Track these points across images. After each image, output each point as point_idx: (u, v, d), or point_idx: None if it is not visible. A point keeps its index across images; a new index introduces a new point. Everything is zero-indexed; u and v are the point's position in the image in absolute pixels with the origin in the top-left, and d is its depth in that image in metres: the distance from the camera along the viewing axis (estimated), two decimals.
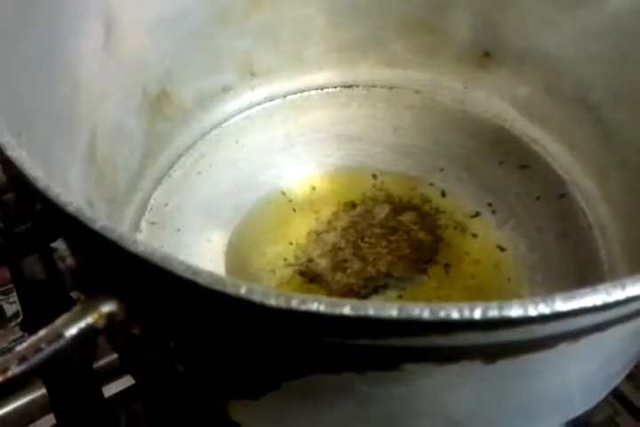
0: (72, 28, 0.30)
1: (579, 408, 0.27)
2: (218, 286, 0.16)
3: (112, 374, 0.41)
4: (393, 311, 0.16)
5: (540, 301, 0.16)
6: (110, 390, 0.41)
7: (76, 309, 0.18)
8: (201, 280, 0.16)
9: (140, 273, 0.17)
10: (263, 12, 0.43)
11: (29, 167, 0.19)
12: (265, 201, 0.41)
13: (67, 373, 0.37)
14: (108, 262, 0.18)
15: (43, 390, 0.40)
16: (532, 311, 0.16)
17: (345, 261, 0.39)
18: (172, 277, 0.16)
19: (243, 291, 0.16)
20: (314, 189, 0.43)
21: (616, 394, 0.41)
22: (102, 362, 0.42)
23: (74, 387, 0.37)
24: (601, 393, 0.28)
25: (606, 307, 0.16)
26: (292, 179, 0.43)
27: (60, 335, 0.17)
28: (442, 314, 0.16)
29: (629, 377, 0.42)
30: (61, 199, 0.18)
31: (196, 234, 0.39)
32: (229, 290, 0.16)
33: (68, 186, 0.29)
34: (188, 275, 0.16)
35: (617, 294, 0.16)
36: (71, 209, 0.18)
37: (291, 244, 0.40)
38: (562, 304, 0.16)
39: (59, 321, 0.17)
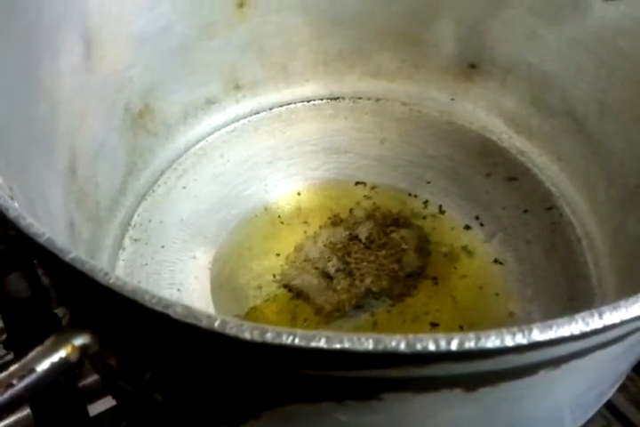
0: (49, 44, 0.30)
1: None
2: (191, 320, 0.16)
3: (98, 392, 0.41)
4: (369, 344, 0.15)
5: (517, 331, 0.15)
6: (97, 408, 0.40)
7: (49, 342, 0.17)
8: (173, 313, 0.16)
9: (112, 305, 0.17)
10: (248, 24, 0.43)
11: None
12: (251, 216, 0.41)
13: (51, 392, 0.36)
14: (81, 294, 0.18)
15: (27, 411, 0.40)
16: (509, 342, 0.15)
17: (332, 276, 0.39)
18: (143, 310, 0.16)
19: (216, 324, 0.16)
20: (300, 203, 0.42)
21: (609, 406, 0.41)
22: (88, 380, 0.41)
23: (59, 406, 0.36)
24: (591, 410, 0.28)
25: (584, 336, 0.16)
26: (279, 193, 0.43)
27: (32, 370, 0.17)
28: (418, 346, 0.15)
29: (622, 389, 0.42)
30: (32, 230, 0.17)
31: (181, 251, 0.39)
32: (203, 324, 0.16)
33: (48, 206, 0.29)
34: (159, 308, 0.16)
35: (594, 323, 0.16)
36: (42, 240, 0.17)
37: (277, 259, 0.40)
38: (539, 334, 0.15)
39: (31, 355, 0.17)
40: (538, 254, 0.39)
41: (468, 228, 0.40)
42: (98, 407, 0.40)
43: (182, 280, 0.37)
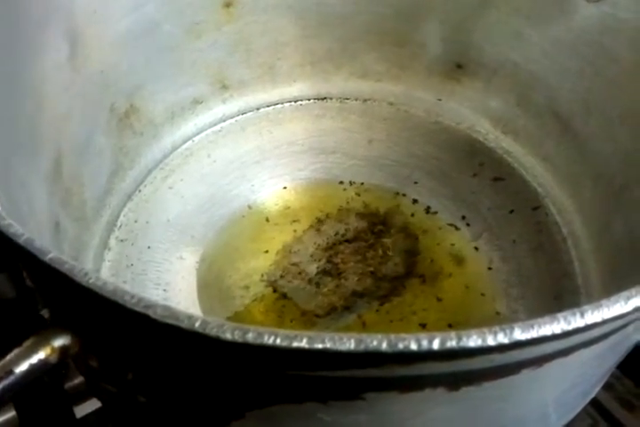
0: (34, 43, 0.30)
1: (555, 424, 0.27)
2: (171, 320, 0.16)
3: (84, 394, 0.41)
4: (350, 344, 0.15)
5: (499, 330, 0.15)
6: (83, 410, 0.40)
7: (28, 343, 0.17)
8: (153, 314, 0.16)
9: (93, 306, 0.17)
10: (235, 24, 0.43)
11: None
12: (238, 216, 0.41)
13: (37, 394, 0.36)
14: (61, 294, 0.18)
15: (13, 413, 0.39)
16: (491, 341, 0.15)
17: (320, 276, 0.39)
18: (124, 311, 0.16)
19: (197, 325, 0.16)
20: (288, 202, 0.42)
21: (595, 404, 0.41)
22: (74, 382, 0.41)
23: (44, 408, 0.36)
24: (576, 408, 0.28)
25: (566, 335, 0.16)
26: (266, 193, 0.42)
27: (10, 372, 0.17)
28: (400, 346, 0.15)
29: (608, 388, 0.42)
30: (11, 231, 0.17)
31: (168, 251, 0.38)
32: (184, 324, 0.16)
33: (32, 205, 0.29)
34: (139, 308, 0.16)
35: (576, 322, 0.16)
36: (21, 241, 0.17)
37: (265, 259, 0.39)
38: (521, 334, 0.15)
39: (9, 357, 0.17)
40: (524, 254, 0.39)
41: (454, 228, 0.40)
42: (84, 409, 0.40)
43: (169, 280, 0.37)
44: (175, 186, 0.42)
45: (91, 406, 0.40)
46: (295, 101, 0.47)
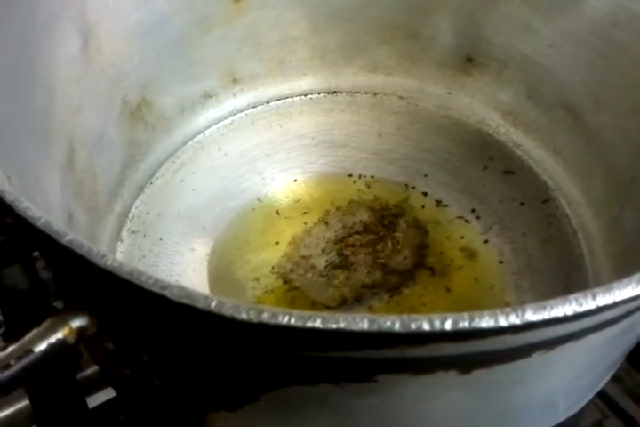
0: (47, 36, 0.30)
1: (562, 414, 0.27)
2: (187, 300, 0.16)
3: (97, 384, 0.41)
4: (364, 324, 0.16)
5: (511, 311, 0.16)
6: (96, 400, 0.40)
7: (46, 324, 0.17)
8: (170, 294, 0.16)
9: (110, 287, 0.17)
10: (245, 17, 0.43)
11: None
12: (248, 209, 0.41)
13: (50, 383, 0.36)
14: (79, 277, 0.18)
15: (26, 402, 0.40)
16: (503, 322, 0.16)
17: (330, 268, 0.39)
18: (140, 292, 0.16)
19: (213, 305, 0.16)
20: (298, 195, 0.43)
21: (604, 398, 0.41)
22: (87, 372, 0.41)
23: (57, 398, 0.36)
24: (585, 398, 0.28)
25: (577, 317, 0.16)
26: (276, 186, 0.43)
27: (30, 351, 0.17)
28: (413, 326, 0.16)
29: (617, 381, 0.42)
30: (29, 214, 0.17)
31: (179, 243, 0.39)
32: (200, 304, 0.16)
33: (46, 197, 0.29)
34: (156, 289, 0.16)
35: (588, 304, 0.16)
36: (39, 223, 0.17)
37: (275, 251, 0.40)
38: (532, 315, 0.16)
39: (28, 336, 0.17)
40: (534, 246, 0.39)
41: (464, 220, 0.41)
42: (97, 399, 0.40)
43: (180, 272, 0.37)
44: (186, 179, 0.42)
45: (103, 396, 0.40)
46: (305, 95, 0.47)
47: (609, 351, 0.24)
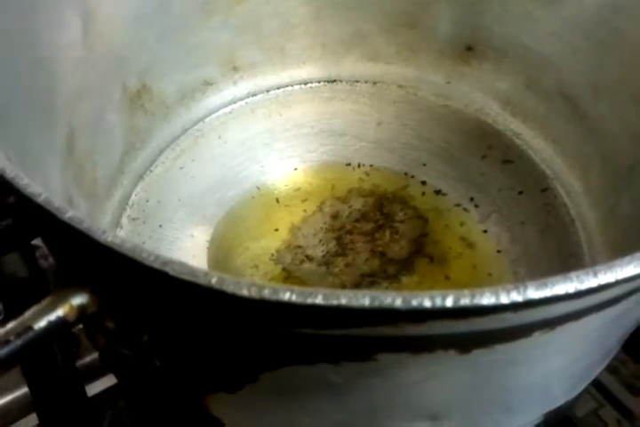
0: (47, 19, 0.30)
1: (559, 399, 0.27)
2: (188, 277, 0.16)
3: (96, 372, 0.41)
4: (365, 300, 0.16)
5: (513, 288, 0.16)
6: (94, 388, 0.41)
7: (47, 301, 0.17)
8: (171, 270, 0.16)
9: (111, 264, 0.17)
10: (246, 4, 0.43)
11: None
12: (248, 196, 0.41)
13: (49, 371, 0.36)
14: (80, 254, 0.18)
15: (25, 389, 0.40)
16: (504, 299, 0.16)
17: (329, 256, 0.39)
18: (141, 268, 0.16)
19: (214, 281, 0.16)
20: (297, 184, 0.43)
21: (600, 388, 0.42)
22: (86, 360, 0.42)
23: (56, 386, 0.36)
24: (582, 383, 0.28)
25: (579, 294, 0.16)
26: (276, 174, 0.43)
27: (29, 328, 0.17)
28: (414, 302, 0.16)
29: (613, 371, 0.42)
30: (30, 190, 0.17)
31: (179, 230, 0.39)
32: (200, 280, 0.16)
33: (46, 180, 0.29)
34: (157, 265, 0.16)
35: (589, 281, 0.16)
36: (40, 200, 0.17)
37: (274, 239, 0.40)
38: (534, 292, 0.16)
39: (28, 313, 0.17)
40: (532, 235, 0.39)
41: (463, 209, 0.41)
42: (96, 387, 0.40)
43: (180, 258, 0.37)
44: (186, 166, 0.42)
45: (102, 384, 0.41)
46: (305, 84, 0.47)
47: (607, 334, 0.24)
